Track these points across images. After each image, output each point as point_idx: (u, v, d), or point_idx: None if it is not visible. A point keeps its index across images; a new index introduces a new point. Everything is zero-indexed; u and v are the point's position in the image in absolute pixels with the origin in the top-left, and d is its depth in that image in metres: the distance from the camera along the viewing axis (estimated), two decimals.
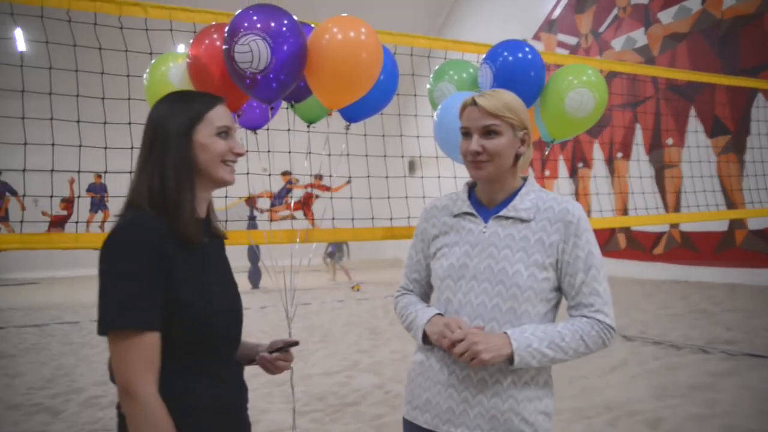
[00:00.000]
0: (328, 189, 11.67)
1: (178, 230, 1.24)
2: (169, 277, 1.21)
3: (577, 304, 1.50)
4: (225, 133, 1.33)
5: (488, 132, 1.49)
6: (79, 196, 10.04)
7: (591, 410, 3.99)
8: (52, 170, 2.74)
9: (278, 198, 11.46)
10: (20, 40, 9.16)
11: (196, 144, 1.29)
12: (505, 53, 2.61)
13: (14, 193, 11.15)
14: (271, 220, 9.31)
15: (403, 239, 2.85)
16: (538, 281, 1.47)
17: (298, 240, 2.49)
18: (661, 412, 3.87)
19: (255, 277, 12.47)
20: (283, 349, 1.47)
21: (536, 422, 1.48)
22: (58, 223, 9.30)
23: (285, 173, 11.65)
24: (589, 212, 12.38)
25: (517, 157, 1.53)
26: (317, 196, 11.96)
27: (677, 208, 10.89)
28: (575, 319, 1.49)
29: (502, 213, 1.52)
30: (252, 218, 11.35)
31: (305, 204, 12.22)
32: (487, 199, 1.57)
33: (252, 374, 5.80)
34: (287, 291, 2.38)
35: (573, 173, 13.44)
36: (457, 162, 2.55)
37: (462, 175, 1.99)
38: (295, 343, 1.46)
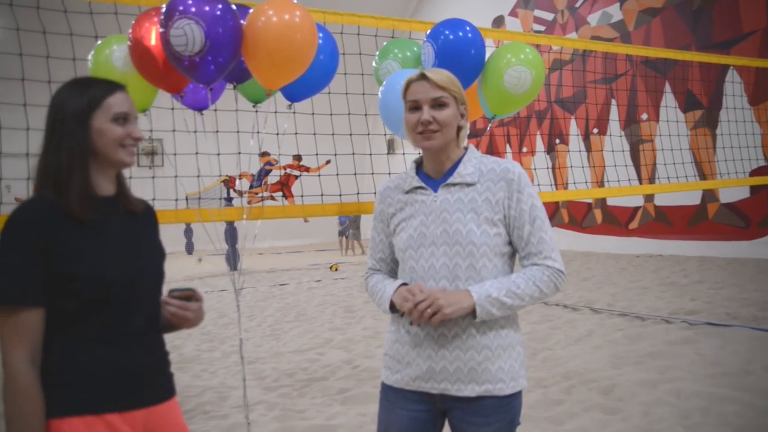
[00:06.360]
0: (307, 170, 11.66)
1: (67, 208, 1.31)
2: (54, 255, 1.29)
3: (528, 254, 1.62)
4: (123, 119, 1.39)
5: (437, 104, 1.61)
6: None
7: (550, 380, 4.10)
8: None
9: (257, 179, 11.43)
10: None
11: (93, 129, 1.36)
12: (447, 32, 2.67)
13: None
14: (250, 202, 9.31)
15: (355, 215, 2.91)
16: (491, 237, 1.59)
17: (244, 216, 2.55)
18: (615, 379, 3.99)
19: (233, 258, 12.42)
20: (182, 298, 1.50)
21: (512, 369, 1.60)
22: None
23: (264, 154, 11.62)
24: (565, 186, 12.49)
25: (459, 129, 1.66)
26: (297, 177, 11.95)
27: (652, 181, 11.04)
28: (527, 268, 1.61)
29: (449, 181, 1.64)
30: (229, 199, 11.31)
31: (285, 185, 12.22)
32: (433, 171, 1.68)
33: (225, 353, 5.77)
34: (238, 270, 2.44)
35: (550, 149, 13.54)
36: (402, 138, 2.61)
37: None
38: (191, 294, 1.51)
